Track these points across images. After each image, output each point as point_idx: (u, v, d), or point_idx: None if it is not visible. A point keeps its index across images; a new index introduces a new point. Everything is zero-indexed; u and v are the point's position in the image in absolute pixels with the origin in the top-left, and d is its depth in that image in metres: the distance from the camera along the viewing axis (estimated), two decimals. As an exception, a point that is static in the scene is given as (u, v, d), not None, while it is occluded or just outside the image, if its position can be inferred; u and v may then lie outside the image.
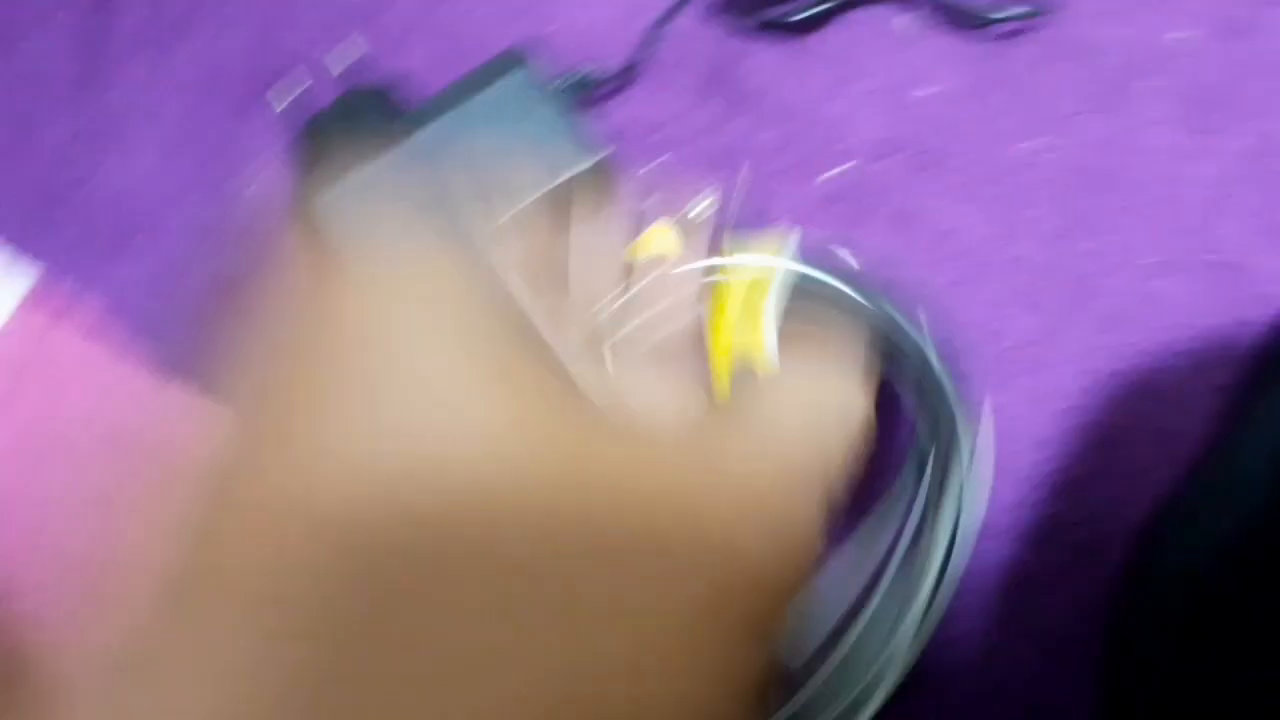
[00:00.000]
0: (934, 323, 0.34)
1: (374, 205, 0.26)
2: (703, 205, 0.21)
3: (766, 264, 0.17)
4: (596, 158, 0.36)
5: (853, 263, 0.34)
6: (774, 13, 0.40)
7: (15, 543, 0.30)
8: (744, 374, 0.20)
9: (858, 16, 0.41)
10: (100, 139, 0.41)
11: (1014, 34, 0.40)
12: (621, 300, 0.22)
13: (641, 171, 0.40)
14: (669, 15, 0.40)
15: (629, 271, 0.24)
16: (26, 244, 0.40)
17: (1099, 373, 0.37)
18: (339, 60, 0.39)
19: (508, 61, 0.36)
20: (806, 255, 0.33)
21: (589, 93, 0.39)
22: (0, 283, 0.40)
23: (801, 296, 0.33)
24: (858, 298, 0.33)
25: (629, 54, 0.40)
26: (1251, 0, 0.40)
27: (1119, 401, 0.37)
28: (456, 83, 0.36)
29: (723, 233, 0.31)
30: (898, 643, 0.31)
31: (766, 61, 0.40)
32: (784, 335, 0.28)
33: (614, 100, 0.40)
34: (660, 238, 0.21)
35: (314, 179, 0.36)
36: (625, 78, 0.40)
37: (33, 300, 0.34)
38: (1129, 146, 0.39)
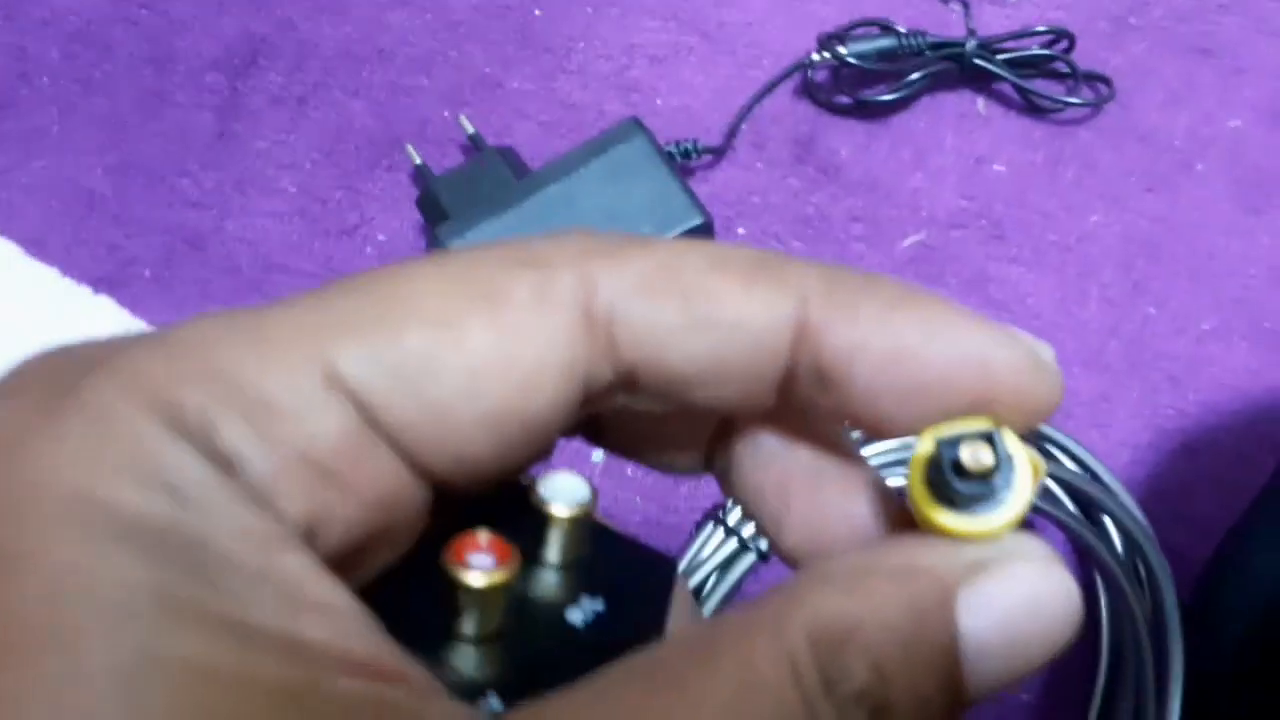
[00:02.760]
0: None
1: None
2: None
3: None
4: (704, 218, 0.40)
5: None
6: (862, 93, 0.44)
7: None
8: None
9: (939, 98, 0.45)
10: (238, 187, 0.45)
11: (1083, 118, 0.44)
12: None
13: (740, 232, 0.43)
14: (764, 93, 0.44)
15: None
16: (169, 280, 0.44)
17: (1162, 429, 0.40)
18: (465, 125, 0.43)
19: (625, 129, 0.40)
20: None
21: (693, 161, 0.43)
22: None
23: None
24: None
25: (726, 129, 0.44)
26: (1299, 93, 0.44)
27: (1181, 455, 0.40)
28: (579, 147, 0.40)
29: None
30: None
31: (853, 137, 0.44)
32: None
33: (714, 169, 0.44)
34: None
35: (445, 229, 0.40)
36: (724, 148, 0.43)
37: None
38: (1187, 221, 0.43)
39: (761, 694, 0.13)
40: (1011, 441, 0.15)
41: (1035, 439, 0.37)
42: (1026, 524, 0.15)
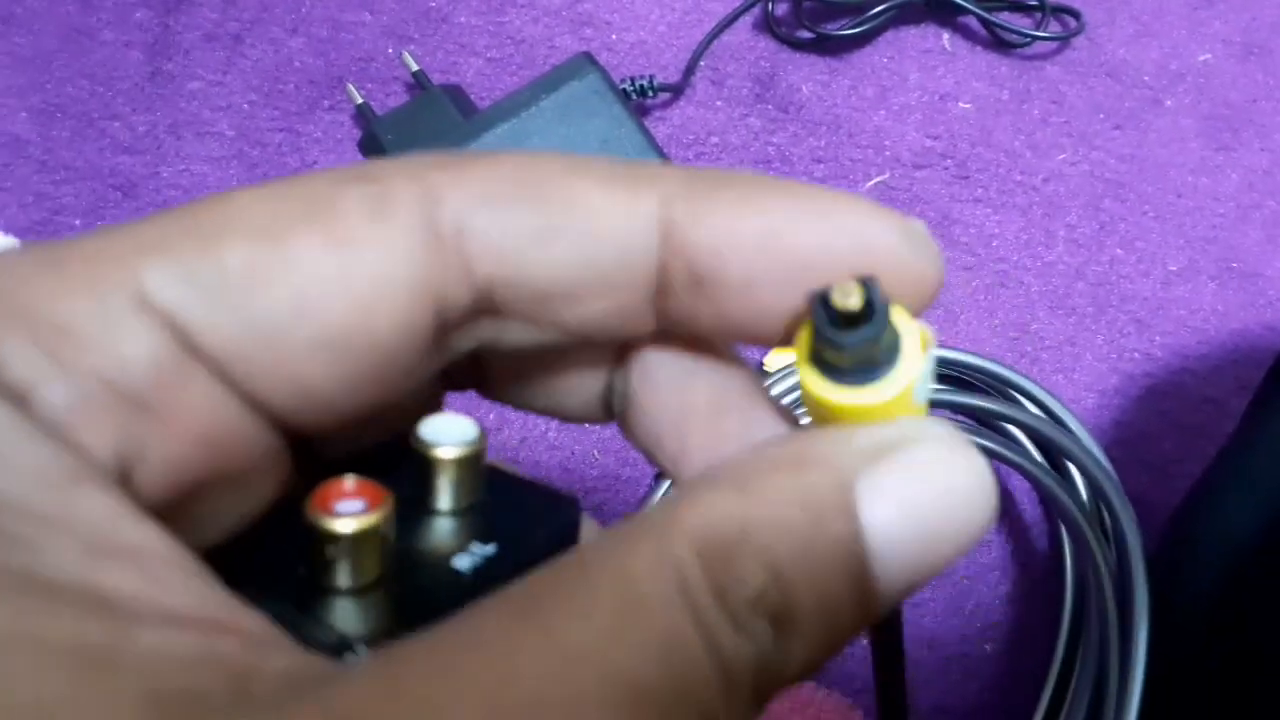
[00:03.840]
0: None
1: None
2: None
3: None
4: (661, 159, 0.38)
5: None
6: (824, 27, 0.42)
7: None
8: None
9: (902, 33, 0.43)
10: (172, 131, 0.43)
11: (1050, 53, 0.43)
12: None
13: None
14: (722, 28, 0.42)
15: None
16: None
17: (1128, 373, 0.39)
18: (409, 62, 0.41)
19: (577, 66, 0.38)
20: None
21: (649, 99, 0.41)
22: None
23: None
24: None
25: (684, 64, 0.42)
26: (1270, 25, 0.43)
27: (1147, 400, 0.39)
28: (529, 84, 0.38)
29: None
30: None
31: (814, 73, 0.43)
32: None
33: (671, 107, 0.42)
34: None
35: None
36: (681, 85, 0.42)
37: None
38: (1155, 159, 0.42)
39: (643, 613, 0.12)
40: (897, 313, 0.14)
41: (999, 386, 0.36)
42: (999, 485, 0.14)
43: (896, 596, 0.13)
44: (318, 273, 0.13)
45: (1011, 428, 0.36)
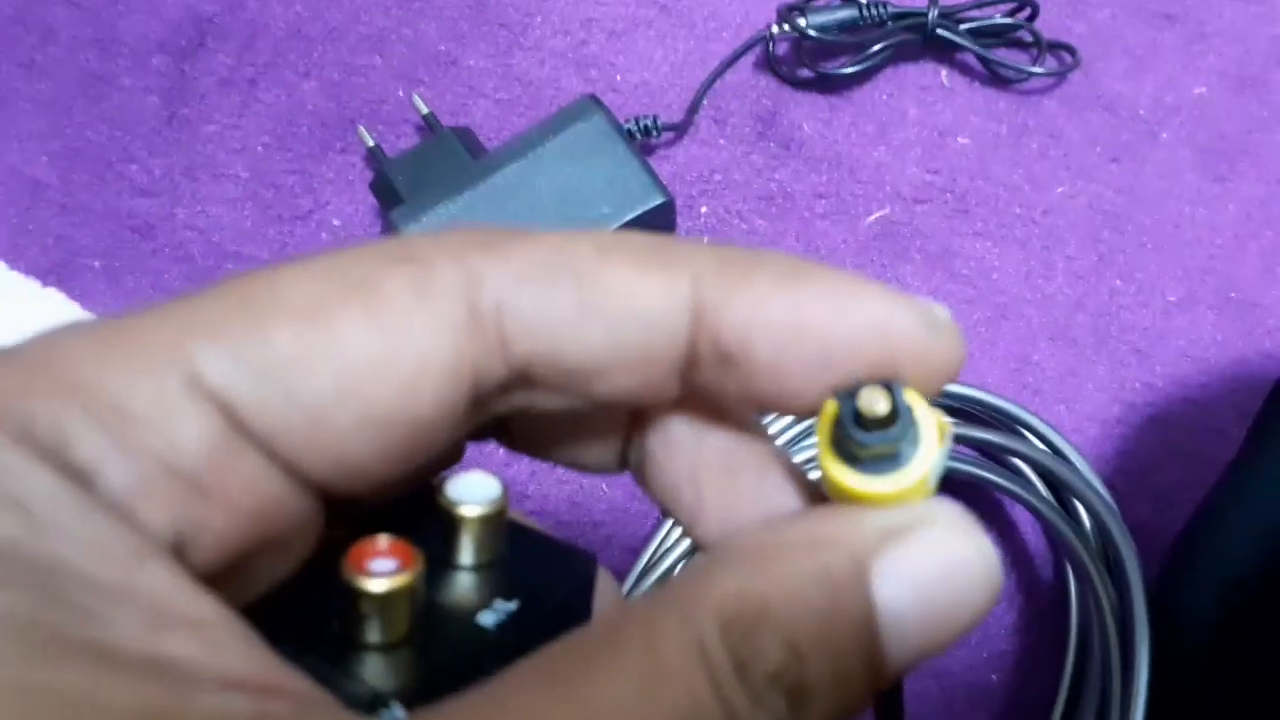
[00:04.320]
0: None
1: None
2: None
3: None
4: (665, 197, 0.39)
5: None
6: (824, 66, 0.43)
7: None
8: None
9: (901, 71, 0.44)
10: (188, 174, 0.44)
11: (1047, 88, 0.44)
12: None
13: (702, 210, 0.43)
14: (724, 68, 0.43)
15: None
16: (119, 271, 0.43)
17: (1129, 403, 0.40)
18: (419, 105, 0.42)
19: (583, 107, 0.39)
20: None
21: (653, 138, 0.42)
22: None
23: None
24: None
25: (687, 103, 0.43)
26: (1262, 59, 0.44)
27: (1148, 429, 0.40)
28: (536, 126, 0.39)
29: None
30: None
31: (815, 111, 0.44)
32: None
33: (675, 145, 0.43)
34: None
35: (400, 213, 0.39)
36: (685, 124, 0.43)
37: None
38: (1153, 191, 0.42)
39: (668, 684, 0.12)
40: (916, 401, 0.14)
41: (1004, 420, 0.37)
42: (997, 512, 0.15)
43: (905, 668, 0.14)
44: (362, 354, 0.14)
45: (1019, 462, 0.36)
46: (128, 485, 0.13)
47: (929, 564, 0.14)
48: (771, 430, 0.36)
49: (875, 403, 0.14)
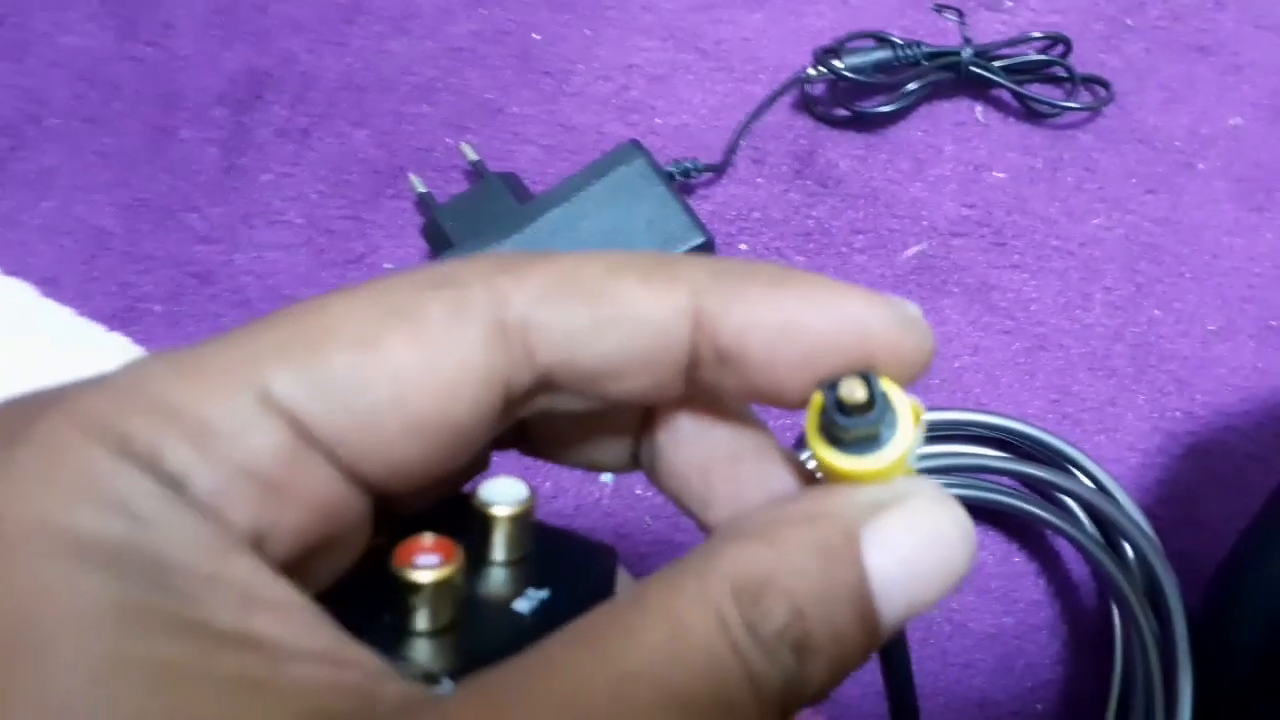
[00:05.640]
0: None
1: None
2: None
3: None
4: (705, 236, 0.40)
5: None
6: (859, 105, 0.44)
7: None
8: None
9: (936, 108, 0.45)
10: (245, 221, 0.45)
11: (1081, 122, 0.44)
12: None
13: (742, 248, 0.44)
14: (761, 109, 0.44)
15: None
16: (179, 316, 0.44)
17: (1170, 432, 0.40)
18: (467, 152, 0.44)
19: (624, 152, 0.40)
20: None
21: (693, 179, 0.43)
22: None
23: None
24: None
25: (725, 144, 0.44)
26: (1299, 89, 0.44)
27: (1189, 458, 0.40)
28: (580, 171, 0.40)
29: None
30: None
31: (852, 149, 0.44)
32: None
33: (714, 185, 0.44)
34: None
35: (448, 257, 0.40)
36: (723, 165, 0.44)
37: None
38: (1190, 222, 0.43)
39: (690, 642, 0.14)
40: (891, 389, 0.16)
41: (1051, 456, 0.37)
42: (1040, 542, 0.16)
43: (896, 625, 0.16)
44: (408, 370, 0.16)
45: (1066, 498, 0.37)
46: (213, 489, 0.14)
47: (912, 532, 0.16)
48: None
49: (854, 391, 0.16)
